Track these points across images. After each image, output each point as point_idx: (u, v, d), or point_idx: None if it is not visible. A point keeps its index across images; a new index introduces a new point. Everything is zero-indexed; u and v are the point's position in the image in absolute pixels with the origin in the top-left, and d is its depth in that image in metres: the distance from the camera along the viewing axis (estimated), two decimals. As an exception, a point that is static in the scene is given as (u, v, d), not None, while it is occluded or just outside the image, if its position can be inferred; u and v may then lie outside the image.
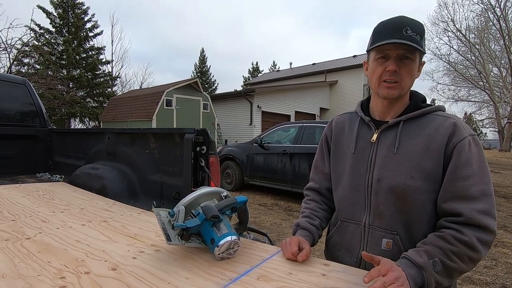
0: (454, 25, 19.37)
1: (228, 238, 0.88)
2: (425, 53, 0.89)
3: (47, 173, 2.90)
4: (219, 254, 0.88)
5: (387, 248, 0.87)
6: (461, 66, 20.95)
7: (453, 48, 20.09)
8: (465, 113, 30.76)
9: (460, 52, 20.41)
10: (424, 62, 0.93)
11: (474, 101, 23.48)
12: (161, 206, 1.76)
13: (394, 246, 0.86)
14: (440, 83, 20.08)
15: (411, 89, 0.92)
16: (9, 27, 9.83)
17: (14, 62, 11.76)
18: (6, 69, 10.64)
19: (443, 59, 20.11)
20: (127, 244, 1.04)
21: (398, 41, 0.81)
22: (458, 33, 19.80)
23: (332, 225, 1.04)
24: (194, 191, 1.00)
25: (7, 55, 10.30)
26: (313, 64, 23.16)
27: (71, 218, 1.33)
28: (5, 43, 9.99)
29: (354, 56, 20.44)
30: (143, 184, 1.96)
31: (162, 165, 1.89)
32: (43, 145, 3.02)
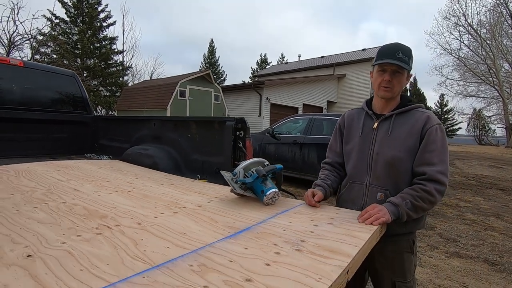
0: (466, 20, 19.19)
1: (273, 190, 1.32)
2: (411, 69, 1.30)
3: (93, 154, 3.38)
4: (266, 200, 1.32)
5: (380, 199, 1.30)
6: (471, 62, 20.82)
7: (463, 43, 19.93)
8: (474, 109, 30.47)
9: (471, 47, 20.26)
10: (411, 75, 1.35)
11: (483, 97, 23.37)
12: (204, 178, 2.21)
13: (385, 198, 1.29)
14: (449, 78, 20.03)
15: (402, 93, 1.38)
16: (32, 18, 10.28)
17: (34, 52, 12.29)
18: (29, 58, 11.16)
19: (453, 54, 19.98)
20: (148, 207, 1.23)
21: (391, 62, 1.23)
22: (469, 28, 19.64)
23: (342, 187, 1.47)
24: (236, 165, 1.44)
25: (29, 45, 10.81)
26: (322, 57, 23.26)
27: (99, 188, 1.54)
28: (28, 33, 10.49)
29: (363, 49, 20.49)
30: (186, 162, 2.41)
31: (203, 147, 2.33)
32: (90, 130, 3.50)
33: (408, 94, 35.11)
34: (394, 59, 1.23)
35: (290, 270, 0.74)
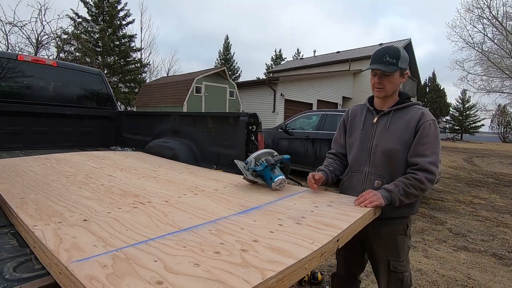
0: (490, 12, 18.34)
1: (280, 177, 1.50)
2: (403, 68, 1.41)
3: (118, 147, 3.66)
4: (274, 186, 1.50)
5: (377, 186, 1.44)
6: (495, 56, 19.93)
7: (487, 36, 19.09)
8: (498, 105, 29.15)
9: (495, 41, 19.38)
10: (407, 72, 1.47)
11: (508, 93, 22.36)
12: (220, 169, 2.41)
13: (382, 185, 1.43)
14: (471, 73, 19.23)
15: (401, 91, 1.52)
16: (57, 18, 10.83)
17: (59, 50, 12.93)
18: (54, 57, 11.77)
19: (476, 48, 19.19)
20: (173, 190, 1.43)
21: (375, 68, 1.39)
22: (494, 20, 18.78)
23: (344, 175, 1.62)
24: (249, 156, 1.61)
25: (55, 44, 11.39)
26: (337, 52, 22.99)
27: (129, 175, 1.76)
28: (54, 33, 11.06)
29: (380, 44, 20.09)
30: (203, 154, 2.62)
31: (219, 140, 2.53)
32: (114, 124, 3.78)
33: (427, 90, 34.07)
34: (380, 63, 1.38)
35: (290, 236, 0.91)
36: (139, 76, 21.75)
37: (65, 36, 13.28)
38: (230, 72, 35.24)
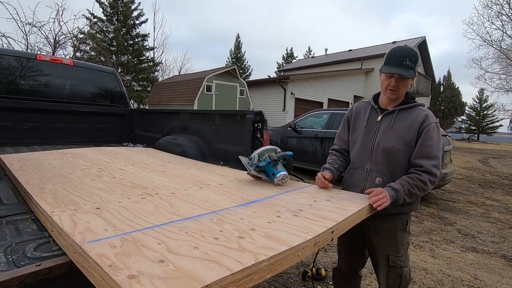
0: (510, 8, 17.74)
1: (283, 173, 1.55)
2: (416, 73, 1.43)
3: (130, 143, 3.79)
4: (277, 181, 1.55)
5: (378, 183, 1.47)
6: (515, 53, 19.24)
7: (506, 33, 18.45)
8: (518, 105, 28.12)
9: (515, 38, 18.70)
10: (417, 75, 1.49)
11: (528, 92, 21.54)
12: (226, 165, 2.48)
13: (382, 182, 1.46)
14: (488, 71, 18.63)
15: (407, 91, 1.52)
16: (74, 19, 11.16)
17: (75, 50, 13.32)
18: (71, 56, 12.15)
19: (494, 46, 18.59)
20: (179, 183, 1.52)
21: (398, 73, 1.37)
22: (514, 16, 18.11)
23: (346, 172, 1.65)
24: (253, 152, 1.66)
25: (71, 43, 11.75)
26: (350, 50, 22.72)
27: (139, 169, 1.86)
28: (70, 33, 11.41)
29: (394, 42, 19.75)
30: (211, 150, 2.70)
31: (225, 137, 2.60)
32: (127, 121, 3.91)
33: (442, 89, 33.20)
34: (401, 67, 1.36)
35: (286, 226, 0.97)
36: (152, 74, 22.14)
37: (81, 36, 13.68)
38: (240, 71, 35.36)
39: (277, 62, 42.81)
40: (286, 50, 44.71)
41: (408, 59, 1.36)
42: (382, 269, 1.48)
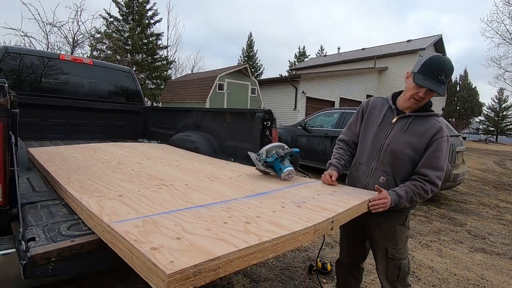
0: (532, 5, 17.07)
1: (289, 168, 1.64)
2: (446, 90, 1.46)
3: (145, 139, 3.95)
4: (283, 176, 1.64)
5: (382, 182, 1.53)
6: (537, 52, 18.54)
7: (528, 31, 17.79)
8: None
9: (537, 36, 18.02)
10: (446, 94, 1.54)
11: (550, 92, 20.70)
12: (236, 161, 2.58)
13: (386, 182, 1.52)
14: (508, 71, 18.03)
15: None
16: (92, 19, 11.52)
17: (92, 49, 13.77)
18: (88, 55, 12.55)
19: (514, 44, 17.96)
20: (193, 176, 1.64)
21: (433, 89, 1.35)
22: (537, 14, 17.44)
23: (352, 166, 1.71)
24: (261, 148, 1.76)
25: (89, 42, 12.15)
26: (363, 49, 22.44)
27: (155, 163, 2.02)
28: (88, 32, 11.81)
29: (408, 40, 19.39)
30: (222, 147, 2.81)
31: (236, 134, 2.70)
32: (142, 118, 4.07)
33: (458, 88, 32.27)
34: (435, 81, 1.34)
35: (289, 215, 1.06)
36: (165, 73, 22.52)
37: (98, 35, 14.12)
38: (252, 69, 35.47)
39: (289, 61, 42.69)
40: (299, 48, 44.51)
41: (444, 74, 1.34)
42: (381, 261, 1.55)
